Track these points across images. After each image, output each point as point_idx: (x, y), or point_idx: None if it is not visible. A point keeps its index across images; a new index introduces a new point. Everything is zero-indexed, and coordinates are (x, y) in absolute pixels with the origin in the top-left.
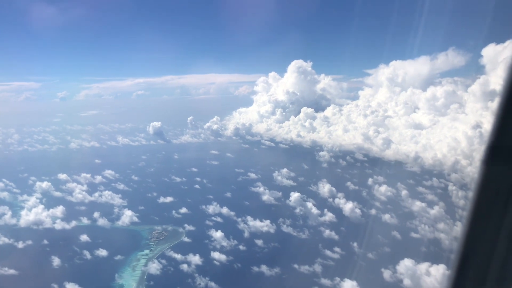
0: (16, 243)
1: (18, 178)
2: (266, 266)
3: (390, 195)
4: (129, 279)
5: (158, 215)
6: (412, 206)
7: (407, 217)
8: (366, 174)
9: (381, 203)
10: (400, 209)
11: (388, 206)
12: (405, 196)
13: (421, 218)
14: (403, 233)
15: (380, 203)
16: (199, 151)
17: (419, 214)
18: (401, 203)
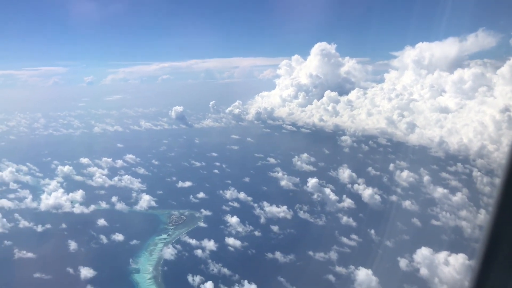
0: (36, 227)
1: (42, 162)
2: (281, 253)
3: (412, 181)
4: (146, 263)
5: (176, 199)
6: (434, 192)
7: (429, 203)
8: (388, 159)
9: (402, 189)
10: (421, 196)
11: (409, 193)
12: (427, 182)
13: (443, 205)
14: (424, 221)
15: (401, 189)
16: (220, 135)
17: (441, 201)
18: (422, 189)
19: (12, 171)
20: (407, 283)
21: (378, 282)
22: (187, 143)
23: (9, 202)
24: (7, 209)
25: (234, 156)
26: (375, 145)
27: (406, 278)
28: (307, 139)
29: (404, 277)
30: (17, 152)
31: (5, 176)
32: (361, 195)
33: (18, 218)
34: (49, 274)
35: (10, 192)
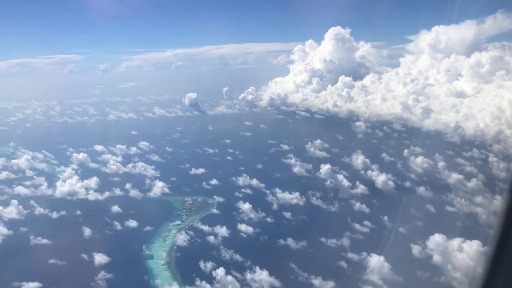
0: (51, 214)
1: (57, 150)
2: (293, 239)
3: (426, 167)
4: (160, 249)
5: (189, 186)
6: (449, 178)
7: (443, 190)
8: (403, 145)
9: (416, 175)
10: (436, 182)
11: (423, 179)
12: (442, 168)
13: (458, 191)
14: (438, 207)
15: (416, 175)
16: (233, 122)
17: (455, 187)
18: (437, 175)
19: (28, 159)
20: (420, 269)
21: (390, 269)
22: (200, 130)
23: (25, 189)
24: (23, 196)
25: (247, 142)
26: (390, 130)
27: (419, 265)
28: (320, 125)
29: (417, 263)
30: (33, 139)
31: (21, 164)
32: (375, 181)
33: (34, 205)
34: (64, 260)
35: (26, 179)
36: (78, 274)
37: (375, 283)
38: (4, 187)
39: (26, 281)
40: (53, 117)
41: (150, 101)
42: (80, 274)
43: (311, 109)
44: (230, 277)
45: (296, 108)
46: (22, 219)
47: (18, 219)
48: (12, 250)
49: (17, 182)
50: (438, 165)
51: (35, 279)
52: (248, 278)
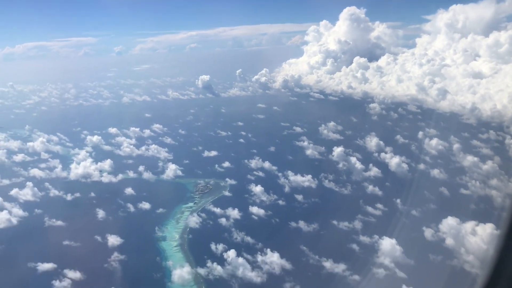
0: (65, 196)
1: (72, 132)
2: (304, 222)
3: (441, 149)
4: (172, 231)
5: (202, 169)
6: (463, 160)
7: (458, 172)
8: (417, 127)
9: (430, 158)
10: (450, 164)
11: (438, 161)
12: (457, 150)
13: (473, 174)
14: (452, 190)
15: (430, 158)
16: (246, 104)
17: (470, 170)
18: (452, 157)
19: (43, 141)
20: (432, 253)
21: (402, 252)
22: (213, 112)
23: (40, 171)
24: (39, 178)
25: (260, 125)
26: (405, 112)
27: (431, 248)
28: (334, 107)
29: (429, 247)
30: (48, 122)
31: (37, 146)
32: (388, 163)
33: (49, 187)
34: (78, 242)
35: (41, 162)
36: (92, 255)
37: (386, 266)
38: (20, 169)
39: (41, 262)
40: (68, 100)
41: (164, 84)
42: (94, 256)
43: (325, 91)
44: (241, 259)
45: (310, 90)
46: (37, 201)
47: (33, 201)
48: (27, 232)
49: (33, 165)
50: (453, 147)
51: (49, 260)
52: (259, 260)
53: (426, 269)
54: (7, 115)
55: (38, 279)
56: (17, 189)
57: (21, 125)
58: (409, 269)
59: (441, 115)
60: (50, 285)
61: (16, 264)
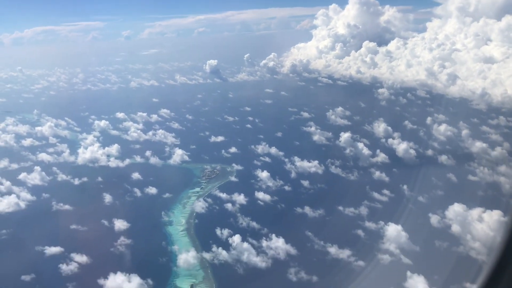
0: (73, 180)
1: (80, 117)
2: (310, 208)
3: (449, 134)
4: (179, 216)
5: (208, 154)
6: (472, 147)
7: (466, 158)
8: (426, 112)
9: (439, 144)
10: (459, 150)
11: (446, 147)
12: (466, 136)
13: (481, 160)
14: (459, 176)
15: (438, 144)
16: (253, 89)
17: (479, 156)
18: (460, 143)
19: (51, 126)
20: (438, 239)
21: (407, 238)
22: (221, 97)
23: (48, 156)
24: (47, 162)
25: (267, 110)
26: (414, 97)
27: (437, 235)
28: (343, 92)
29: (435, 233)
30: (56, 107)
31: (45, 131)
32: (396, 149)
33: (57, 172)
34: (85, 226)
35: (49, 146)
36: (99, 239)
37: (392, 252)
38: (28, 153)
39: (49, 246)
40: (76, 85)
41: (172, 68)
42: (100, 240)
43: (334, 76)
44: (246, 244)
45: (318, 75)
46: (45, 185)
47: (41, 185)
48: (35, 216)
49: (41, 149)
50: (461, 133)
51: (57, 243)
52: (264, 245)
53: (431, 255)
54: (16, 100)
55: (45, 263)
56: (25, 173)
57: (29, 110)
58: (415, 256)
59: (450, 101)
60: (57, 268)
61: (24, 247)
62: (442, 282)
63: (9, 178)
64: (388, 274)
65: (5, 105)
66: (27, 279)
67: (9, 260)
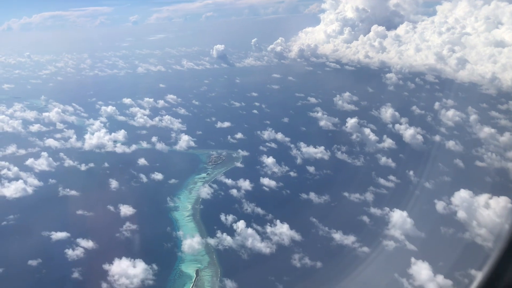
0: (79, 166)
1: (87, 103)
2: (315, 194)
3: (457, 120)
4: (185, 201)
5: (215, 140)
6: (480, 132)
7: (474, 144)
8: (434, 97)
9: (446, 129)
10: (466, 136)
11: (454, 132)
12: (474, 121)
13: (489, 146)
14: (467, 162)
15: (446, 129)
16: (261, 74)
17: (487, 141)
18: (468, 129)
19: (58, 112)
20: (443, 225)
21: (413, 224)
22: (227, 82)
23: (56, 141)
24: (54, 148)
25: (274, 96)
26: (422, 82)
27: (443, 221)
28: (350, 77)
29: (441, 219)
30: (64, 93)
31: (52, 117)
32: (403, 135)
33: (64, 158)
34: (91, 211)
35: (56, 132)
36: (104, 225)
37: (396, 238)
38: (36, 139)
39: (55, 231)
40: (83, 70)
41: (179, 54)
42: (106, 225)
43: (342, 61)
44: (251, 230)
45: (326, 60)
46: (52, 171)
47: (48, 171)
48: (42, 201)
49: (48, 135)
50: (470, 119)
51: (63, 229)
52: (268, 231)
53: (436, 242)
54: (24, 86)
55: (52, 248)
56: (33, 159)
57: (37, 95)
58: (420, 242)
59: (459, 85)
60: (64, 253)
61: (31, 232)
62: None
63: (16, 163)
64: (393, 260)
65: (13, 91)
66: (34, 264)
67: (16, 245)
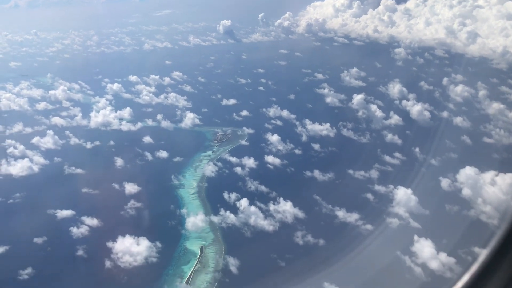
0: (85, 144)
1: (93, 80)
2: (319, 171)
3: (466, 95)
4: (191, 179)
5: (220, 117)
6: (489, 108)
7: (482, 120)
8: (444, 72)
9: (454, 105)
10: (475, 111)
11: (462, 108)
12: (483, 97)
13: (498, 122)
14: (474, 138)
15: (454, 105)
16: (267, 50)
17: (495, 117)
18: (477, 104)
19: (64, 90)
20: (448, 203)
21: (417, 202)
22: (234, 59)
23: (62, 119)
24: (60, 126)
25: (281, 72)
26: (431, 57)
27: (448, 198)
28: (359, 52)
29: (446, 197)
30: (70, 70)
31: (58, 95)
32: (410, 111)
33: (69, 136)
34: (96, 189)
35: (62, 110)
36: (109, 202)
37: (400, 215)
38: (42, 117)
39: (60, 209)
40: (90, 47)
41: (186, 30)
42: (111, 203)
43: (350, 35)
44: (254, 208)
45: (335, 34)
46: (58, 149)
47: (54, 149)
48: (47, 179)
49: (54, 113)
50: (479, 94)
51: (68, 207)
52: (271, 209)
53: (441, 219)
54: (30, 63)
55: (57, 226)
56: (39, 137)
57: (44, 73)
58: (424, 219)
59: (469, 60)
60: (68, 231)
61: (37, 210)
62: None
63: (23, 142)
64: (396, 238)
65: (20, 69)
66: (39, 241)
67: (22, 223)
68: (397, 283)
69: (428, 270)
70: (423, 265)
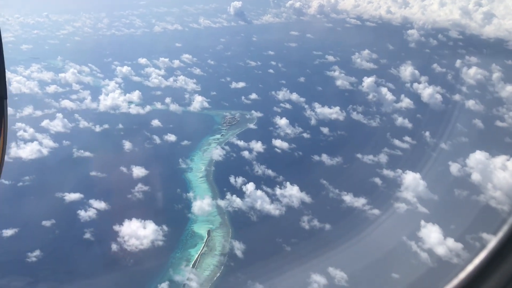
0: (94, 127)
1: (103, 63)
2: (327, 155)
3: (480, 78)
4: (199, 162)
5: (229, 100)
6: (502, 91)
7: (495, 103)
8: (457, 54)
9: (467, 88)
10: (488, 95)
11: (475, 91)
12: (497, 79)
13: (511, 105)
14: (486, 122)
15: (467, 88)
16: (278, 32)
17: (509, 100)
18: (490, 87)
19: (74, 72)
20: (457, 188)
21: (426, 187)
22: (244, 41)
23: (71, 103)
24: (69, 109)
25: (291, 54)
26: (445, 39)
27: (457, 183)
28: (371, 34)
29: (455, 182)
30: (80, 53)
31: (68, 78)
32: (421, 94)
33: (79, 119)
34: (104, 173)
35: (72, 93)
36: (117, 186)
37: (408, 200)
38: (51, 100)
39: (68, 192)
40: (101, 30)
41: (196, 11)
42: (119, 186)
43: (363, 16)
44: (260, 192)
45: (347, 16)
46: (67, 132)
47: (64, 132)
48: (56, 162)
49: (64, 96)
50: (492, 76)
51: (76, 190)
52: (278, 193)
53: (449, 204)
54: (41, 46)
55: (65, 209)
56: (48, 120)
57: (54, 56)
58: (432, 204)
59: (484, 41)
60: (76, 214)
61: (45, 193)
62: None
63: (32, 125)
64: (403, 223)
65: (32, 52)
66: (47, 224)
67: (30, 205)
68: (402, 269)
69: (435, 256)
70: (430, 251)
